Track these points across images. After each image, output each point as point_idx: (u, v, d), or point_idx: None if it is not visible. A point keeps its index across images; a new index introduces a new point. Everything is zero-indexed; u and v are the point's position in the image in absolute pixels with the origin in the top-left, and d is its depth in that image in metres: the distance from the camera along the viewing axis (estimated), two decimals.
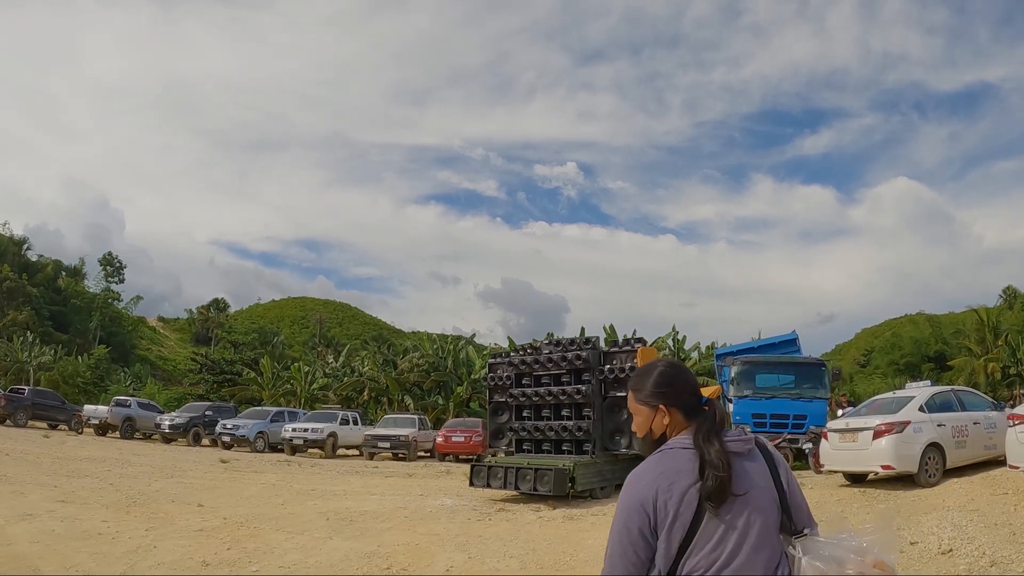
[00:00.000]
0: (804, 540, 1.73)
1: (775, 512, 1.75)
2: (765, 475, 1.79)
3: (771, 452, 1.87)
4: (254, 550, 7.30)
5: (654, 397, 1.87)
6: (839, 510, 9.47)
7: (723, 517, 1.69)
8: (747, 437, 1.85)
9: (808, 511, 1.85)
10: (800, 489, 1.87)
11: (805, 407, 17.26)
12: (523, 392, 12.09)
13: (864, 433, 11.32)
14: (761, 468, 1.80)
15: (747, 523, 1.69)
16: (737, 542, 1.68)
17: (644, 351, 11.37)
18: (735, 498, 1.70)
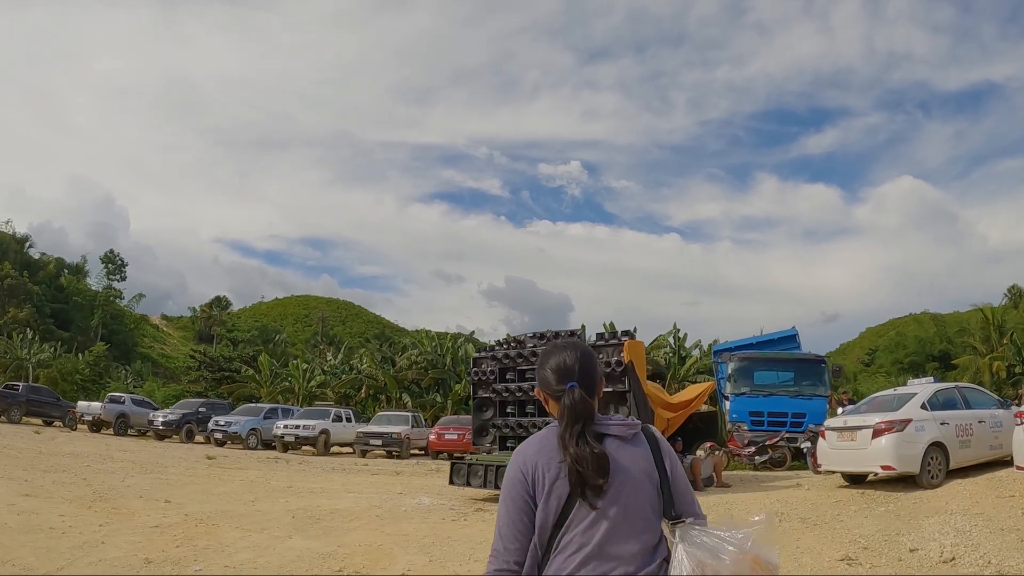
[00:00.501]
0: (683, 528, 1.73)
1: (655, 498, 1.77)
2: (647, 461, 1.79)
3: (657, 439, 1.87)
4: (204, 548, 6.96)
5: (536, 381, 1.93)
6: (835, 513, 8.96)
7: (604, 496, 1.70)
8: (630, 422, 1.84)
9: (693, 501, 1.85)
10: (685, 479, 1.86)
11: (804, 405, 16.76)
12: (506, 387, 11.59)
13: (863, 432, 10.81)
14: (643, 453, 1.80)
15: (624, 506, 1.71)
16: (611, 524, 1.70)
17: (631, 344, 10.85)
18: (612, 481, 1.71)
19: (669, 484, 1.80)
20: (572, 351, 1.89)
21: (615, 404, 10.94)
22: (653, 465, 1.80)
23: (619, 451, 1.76)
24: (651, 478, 1.78)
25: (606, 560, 1.69)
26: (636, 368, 10.76)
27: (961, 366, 47.72)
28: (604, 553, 1.69)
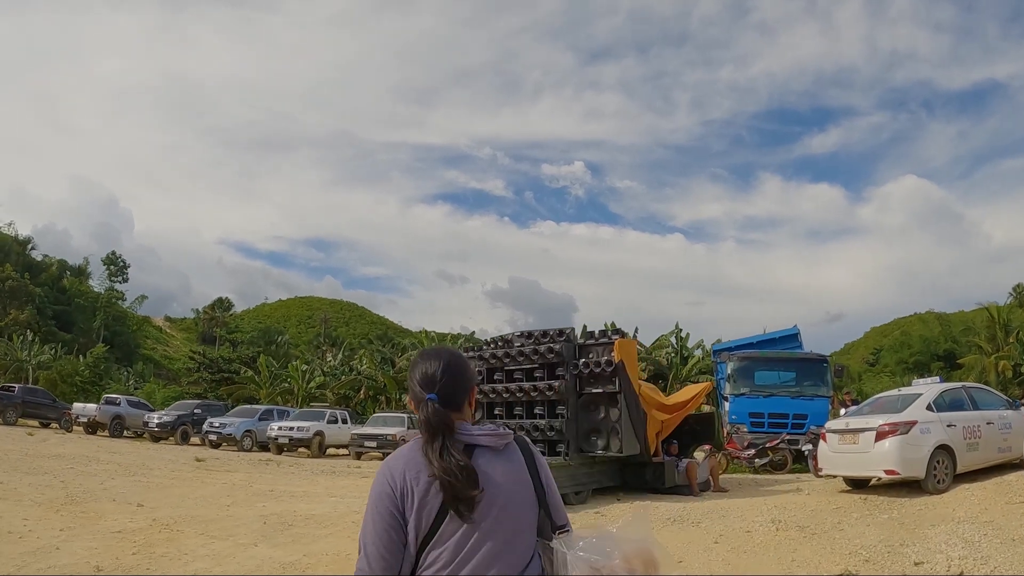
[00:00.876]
0: (566, 536, 1.70)
1: (530, 511, 1.73)
2: (521, 472, 1.75)
3: (531, 450, 1.83)
4: (161, 556, 6.62)
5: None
6: (836, 521, 8.50)
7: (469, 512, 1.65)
8: (502, 433, 1.77)
9: (564, 510, 1.83)
10: (557, 489, 1.83)
11: (806, 406, 16.28)
12: (493, 388, 11.17)
13: (866, 434, 10.34)
14: (516, 466, 1.75)
15: (495, 520, 1.66)
16: (483, 538, 1.65)
17: (622, 343, 10.41)
18: (484, 494, 1.65)
19: (546, 496, 1.77)
20: (436, 360, 1.81)
21: (606, 405, 10.51)
22: (528, 476, 1.75)
23: (491, 463, 1.71)
24: (527, 489, 1.73)
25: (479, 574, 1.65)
26: (627, 368, 10.33)
27: (967, 365, 47.37)
28: (476, 568, 1.64)
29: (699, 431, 13.27)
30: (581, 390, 10.72)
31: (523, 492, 1.72)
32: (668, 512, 9.13)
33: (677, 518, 8.68)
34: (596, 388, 10.52)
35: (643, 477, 11.33)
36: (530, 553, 1.70)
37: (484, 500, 1.65)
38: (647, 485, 11.28)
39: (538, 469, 1.79)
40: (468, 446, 1.72)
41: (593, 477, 10.74)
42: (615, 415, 10.36)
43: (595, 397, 10.59)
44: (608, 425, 10.42)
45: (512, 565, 1.66)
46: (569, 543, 1.67)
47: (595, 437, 10.59)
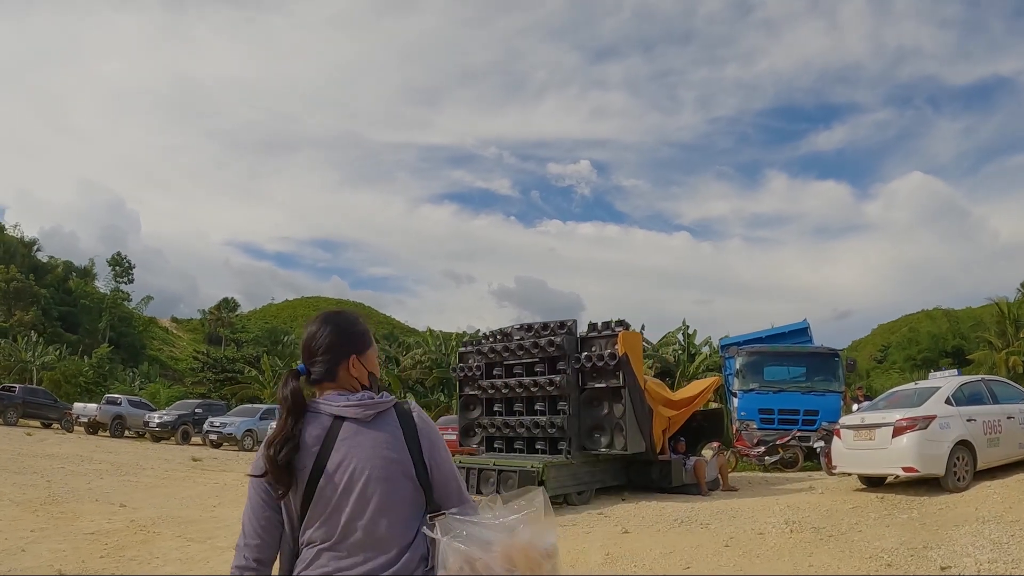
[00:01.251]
0: (444, 520, 1.54)
1: (404, 485, 1.61)
2: (393, 445, 1.62)
3: (414, 421, 1.67)
4: (130, 560, 6.30)
5: None
6: (853, 521, 8.02)
7: (338, 487, 1.57)
8: (370, 402, 1.65)
9: (459, 488, 1.68)
10: (450, 464, 1.69)
11: (817, 401, 15.78)
12: (492, 384, 10.72)
13: (882, 430, 9.86)
14: (387, 437, 1.62)
15: (362, 497, 1.57)
16: (350, 517, 1.56)
17: (626, 336, 9.95)
18: (347, 470, 1.57)
19: (427, 471, 1.64)
20: (315, 324, 1.75)
21: (609, 401, 10.05)
22: (403, 449, 1.62)
23: (356, 436, 1.61)
24: (399, 464, 1.61)
25: (348, 555, 1.56)
26: (632, 361, 9.87)
27: (976, 361, 46.84)
28: (344, 547, 1.56)
29: (707, 428, 12.78)
30: (583, 385, 10.26)
31: (391, 467, 1.59)
32: (675, 513, 8.67)
33: (685, 519, 8.21)
34: (599, 383, 10.06)
35: (649, 476, 10.86)
36: (408, 535, 1.58)
37: (347, 477, 1.56)
38: (653, 484, 10.81)
39: (420, 441, 1.64)
40: (337, 418, 1.62)
41: (596, 476, 10.28)
42: (619, 411, 9.90)
43: (598, 392, 10.14)
44: (612, 421, 9.95)
45: (384, 546, 1.55)
46: (448, 527, 1.51)
47: (598, 434, 10.13)
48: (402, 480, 1.59)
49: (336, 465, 1.57)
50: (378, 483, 1.57)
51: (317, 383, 1.70)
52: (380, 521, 1.56)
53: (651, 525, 7.99)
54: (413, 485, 1.60)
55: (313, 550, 1.56)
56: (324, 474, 1.57)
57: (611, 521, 8.33)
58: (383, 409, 1.64)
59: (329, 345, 1.69)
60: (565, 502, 9.72)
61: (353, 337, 1.73)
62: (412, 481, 1.60)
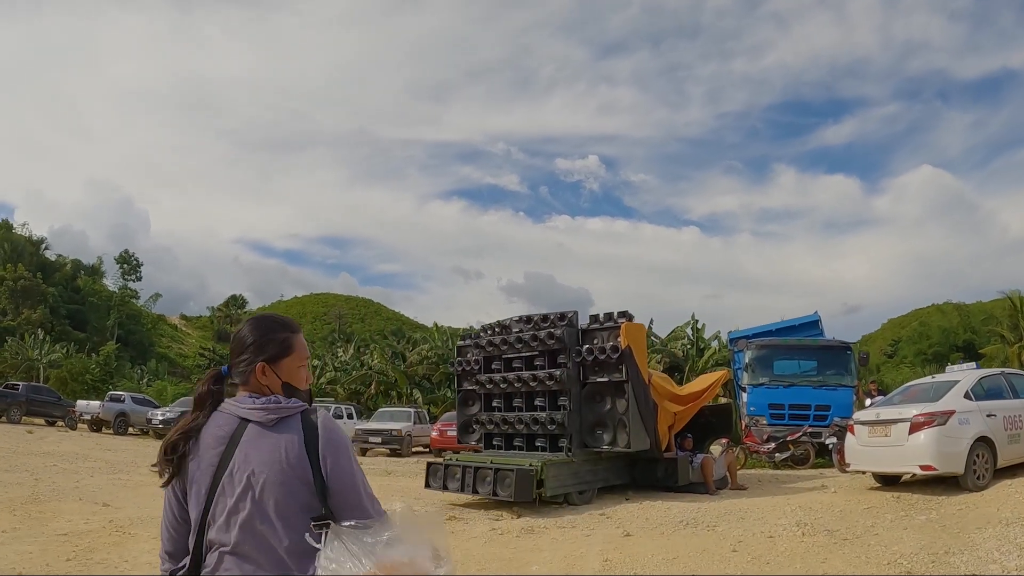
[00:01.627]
0: (333, 531, 1.49)
1: (300, 492, 1.57)
2: (292, 451, 1.58)
3: (318, 428, 1.62)
4: (98, 562, 6.03)
5: None
6: (868, 523, 7.58)
7: (236, 489, 1.57)
8: (273, 406, 1.62)
9: (359, 500, 1.60)
10: (352, 475, 1.61)
11: (829, 396, 15.31)
12: (490, 378, 10.31)
13: (899, 426, 9.42)
14: (287, 442, 1.59)
15: (260, 499, 1.55)
16: (245, 522, 1.56)
17: (629, 328, 9.51)
18: (243, 473, 1.57)
19: (324, 480, 1.58)
20: (242, 327, 1.78)
21: (612, 396, 9.63)
22: (302, 456, 1.58)
23: (258, 439, 1.60)
24: (296, 471, 1.57)
25: (243, 561, 1.55)
26: (635, 354, 9.45)
27: (988, 355, 46.23)
28: (238, 553, 1.55)
29: (715, 424, 12.33)
30: (585, 379, 9.84)
31: (287, 473, 1.56)
32: (681, 514, 8.25)
33: (691, 521, 7.79)
34: (601, 377, 9.64)
35: (654, 474, 10.43)
36: (299, 544, 1.53)
37: (243, 481, 1.56)
38: (659, 483, 10.39)
39: (319, 449, 1.59)
40: (243, 420, 1.62)
41: (598, 475, 9.85)
42: (622, 406, 9.47)
43: (600, 387, 9.71)
44: (614, 417, 9.53)
45: (274, 554, 1.54)
46: (331, 538, 1.47)
47: (600, 431, 9.70)
48: (299, 487, 1.56)
49: (237, 467, 1.58)
50: (274, 488, 1.55)
51: (235, 385, 1.73)
52: (276, 526, 1.55)
53: (655, 527, 7.58)
54: (310, 492, 1.57)
55: (215, 554, 1.57)
56: (226, 474, 1.58)
57: (612, 523, 7.93)
58: (287, 415, 1.62)
59: (245, 349, 1.71)
60: (566, 502, 9.32)
61: (266, 344, 1.71)
62: (309, 488, 1.57)
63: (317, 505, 1.56)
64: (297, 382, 1.74)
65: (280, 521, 1.54)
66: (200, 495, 1.58)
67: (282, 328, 1.76)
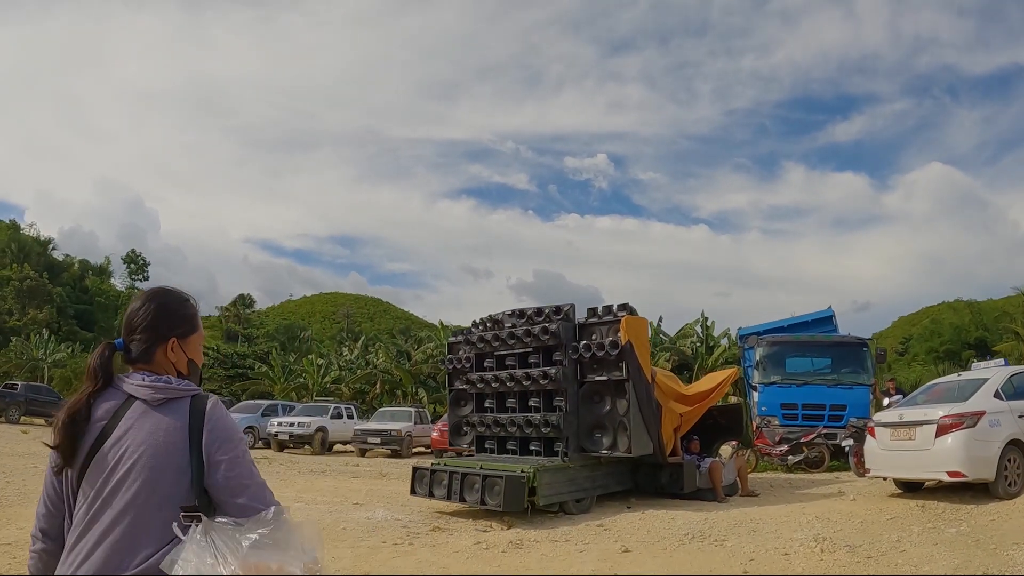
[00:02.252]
0: (204, 524, 1.41)
1: (172, 478, 1.49)
2: (174, 434, 1.51)
3: (204, 413, 1.54)
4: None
5: None
6: (894, 538, 6.84)
7: (107, 466, 1.49)
8: (162, 385, 1.56)
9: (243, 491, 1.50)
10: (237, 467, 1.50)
11: (844, 395, 14.53)
12: (482, 377, 9.61)
13: (924, 428, 8.68)
14: (169, 425, 1.52)
15: (129, 480, 1.48)
16: (103, 504, 1.48)
17: (630, 321, 8.78)
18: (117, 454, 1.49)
19: (207, 470, 1.50)
20: (139, 300, 1.69)
21: (612, 395, 8.91)
22: (183, 441, 1.51)
23: (140, 418, 1.54)
24: (172, 456, 1.50)
25: (104, 548, 1.46)
26: (637, 350, 8.71)
27: (1002, 353, 45.26)
28: (102, 539, 1.47)
29: (725, 425, 11.56)
30: (582, 378, 9.11)
31: (160, 458, 1.49)
32: (686, 526, 7.52)
33: (697, 534, 7.06)
34: (600, 375, 8.91)
35: (658, 480, 9.69)
36: (167, 533, 1.45)
37: (125, 458, 1.49)
38: (663, 490, 9.64)
39: (203, 437, 1.51)
40: (131, 397, 1.56)
41: (597, 481, 9.11)
42: (623, 407, 8.75)
43: (599, 386, 8.99)
44: (615, 419, 8.80)
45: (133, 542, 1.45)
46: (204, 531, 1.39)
47: (599, 434, 8.97)
48: (172, 473, 1.49)
49: (113, 443, 1.51)
50: (144, 470, 1.48)
51: (132, 362, 1.64)
52: (141, 510, 1.47)
53: (657, 541, 6.86)
54: (185, 480, 1.48)
55: (80, 533, 1.49)
56: (100, 451, 1.51)
57: (611, 536, 7.21)
58: (176, 396, 1.56)
59: (149, 324, 1.64)
60: (562, 511, 8.59)
61: (177, 319, 1.68)
62: (184, 476, 1.49)
63: (190, 494, 1.48)
64: (199, 359, 1.72)
65: (146, 506, 1.47)
66: (75, 471, 1.53)
67: (188, 302, 1.71)
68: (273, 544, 1.37)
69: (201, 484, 1.47)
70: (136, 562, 1.43)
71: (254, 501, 1.48)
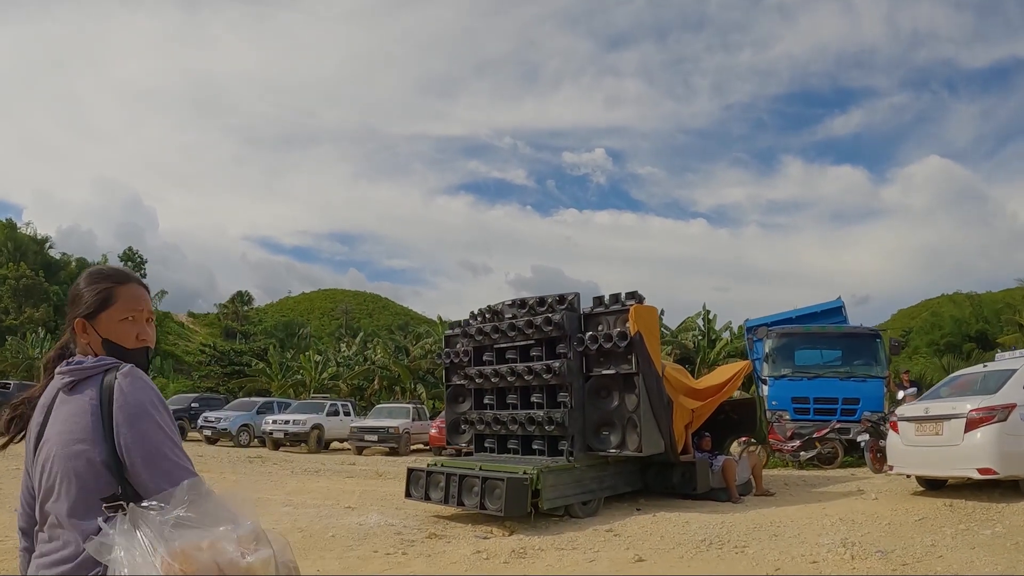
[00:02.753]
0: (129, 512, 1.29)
1: (87, 466, 1.39)
2: (85, 417, 1.41)
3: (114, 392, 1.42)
4: None
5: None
6: (927, 542, 6.30)
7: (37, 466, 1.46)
8: (67, 368, 1.49)
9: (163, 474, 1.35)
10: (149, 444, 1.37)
11: (857, 388, 13.98)
12: (481, 372, 9.05)
13: (952, 423, 8.14)
14: (80, 409, 1.43)
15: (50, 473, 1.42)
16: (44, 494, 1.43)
17: (639, 311, 8.21)
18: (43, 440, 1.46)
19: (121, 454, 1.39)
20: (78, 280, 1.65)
21: (620, 390, 8.36)
22: (92, 423, 1.41)
23: (59, 406, 1.48)
24: (83, 442, 1.41)
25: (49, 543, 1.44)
26: (647, 341, 8.15)
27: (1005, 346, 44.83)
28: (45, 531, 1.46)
29: (737, 421, 11.01)
30: (588, 371, 8.54)
31: (70, 447, 1.41)
32: (702, 530, 6.97)
33: (715, 540, 6.52)
34: (607, 369, 8.35)
35: (669, 480, 9.13)
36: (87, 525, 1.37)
37: (47, 447, 1.45)
38: (675, 490, 9.08)
39: (114, 417, 1.40)
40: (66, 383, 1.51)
41: (605, 482, 8.54)
42: (632, 403, 8.20)
43: (606, 380, 8.43)
44: (623, 416, 8.24)
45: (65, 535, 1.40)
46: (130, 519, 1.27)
47: (607, 431, 8.41)
48: (83, 461, 1.40)
49: (44, 439, 1.47)
50: (60, 461, 1.41)
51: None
52: (63, 504, 1.40)
53: (672, 548, 6.32)
54: (100, 466, 1.39)
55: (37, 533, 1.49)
56: (38, 447, 1.48)
57: (621, 542, 6.66)
58: (84, 377, 1.47)
59: (70, 306, 1.60)
60: (567, 514, 8.04)
61: (81, 299, 1.57)
62: (101, 461, 1.39)
63: (109, 482, 1.37)
64: (121, 338, 1.56)
65: (68, 501, 1.39)
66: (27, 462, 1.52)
67: (103, 279, 1.60)
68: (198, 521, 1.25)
69: (119, 466, 1.37)
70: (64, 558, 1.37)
71: (167, 481, 1.35)
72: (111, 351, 1.52)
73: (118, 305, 1.55)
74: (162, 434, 1.40)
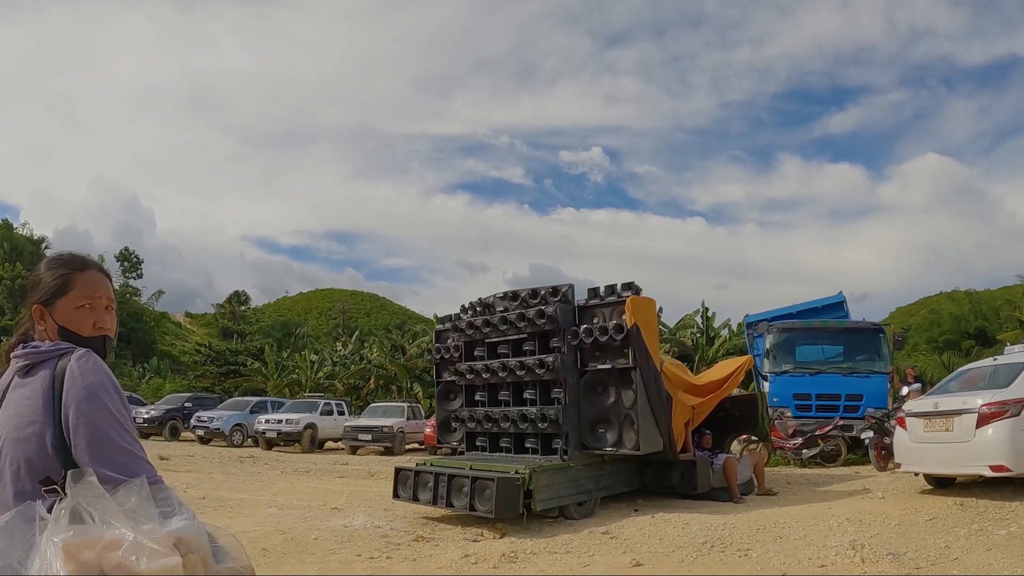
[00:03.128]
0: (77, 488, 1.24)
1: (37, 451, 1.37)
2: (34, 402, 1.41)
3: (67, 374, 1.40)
4: None
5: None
6: (941, 543, 5.97)
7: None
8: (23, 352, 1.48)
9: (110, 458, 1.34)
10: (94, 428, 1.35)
11: (860, 384, 13.66)
12: (472, 367, 8.70)
13: (963, 418, 7.81)
14: (33, 393, 1.42)
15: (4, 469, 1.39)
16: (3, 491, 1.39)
17: (636, 302, 7.86)
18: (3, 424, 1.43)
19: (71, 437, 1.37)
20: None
21: (616, 386, 8.02)
22: (43, 407, 1.39)
23: (15, 390, 1.47)
24: (33, 425, 1.39)
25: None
26: (644, 334, 7.81)
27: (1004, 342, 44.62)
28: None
29: (738, 418, 10.66)
30: (583, 366, 8.19)
31: (22, 430, 1.39)
32: (703, 532, 6.63)
33: (716, 542, 6.18)
34: (603, 363, 8.00)
35: (668, 479, 8.78)
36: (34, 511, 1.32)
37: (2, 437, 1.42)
38: (674, 490, 8.75)
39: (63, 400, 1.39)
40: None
41: (601, 482, 8.19)
42: (629, 399, 7.86)
43: (602, 375, 8.08)
44: (620, 412, 7.90)
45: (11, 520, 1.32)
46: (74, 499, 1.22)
47: (603, 429, 8.06)
48: (36, 445, 1.38)
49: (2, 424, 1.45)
50: (11, 445, 1.41)
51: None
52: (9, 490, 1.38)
53: (671, 552, 5.98)
54: (50, 450, 1.38)
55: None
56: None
57: (618, 545, 6.33)
58: (38, 361, 1.46)
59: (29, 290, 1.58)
60: (561, 515, 7.69)
61: (38, 287, 1.56)
62: (50, 445, 1.38)
63: (57, 466, 1.34)
64: (78, 326, 1.53)
65: (16, 485, 1.37)
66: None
67: (61, 265, 1.58)
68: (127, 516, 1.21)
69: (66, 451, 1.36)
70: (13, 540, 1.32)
71: (110, 466, 1.33)
72: (67, 339, 1.50)
73: (75, 292, 1.54)
74: (110, 417, 1.38)
